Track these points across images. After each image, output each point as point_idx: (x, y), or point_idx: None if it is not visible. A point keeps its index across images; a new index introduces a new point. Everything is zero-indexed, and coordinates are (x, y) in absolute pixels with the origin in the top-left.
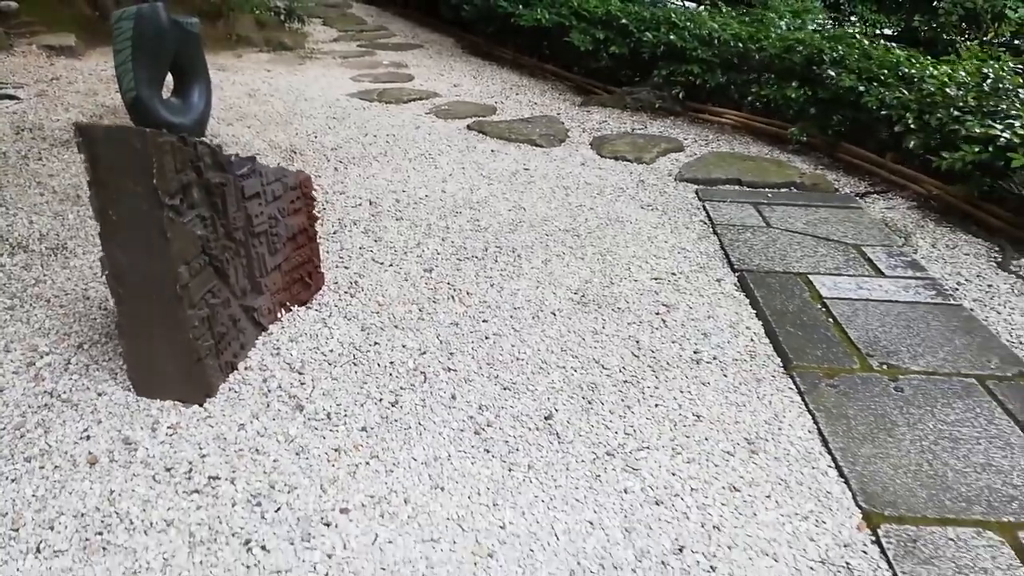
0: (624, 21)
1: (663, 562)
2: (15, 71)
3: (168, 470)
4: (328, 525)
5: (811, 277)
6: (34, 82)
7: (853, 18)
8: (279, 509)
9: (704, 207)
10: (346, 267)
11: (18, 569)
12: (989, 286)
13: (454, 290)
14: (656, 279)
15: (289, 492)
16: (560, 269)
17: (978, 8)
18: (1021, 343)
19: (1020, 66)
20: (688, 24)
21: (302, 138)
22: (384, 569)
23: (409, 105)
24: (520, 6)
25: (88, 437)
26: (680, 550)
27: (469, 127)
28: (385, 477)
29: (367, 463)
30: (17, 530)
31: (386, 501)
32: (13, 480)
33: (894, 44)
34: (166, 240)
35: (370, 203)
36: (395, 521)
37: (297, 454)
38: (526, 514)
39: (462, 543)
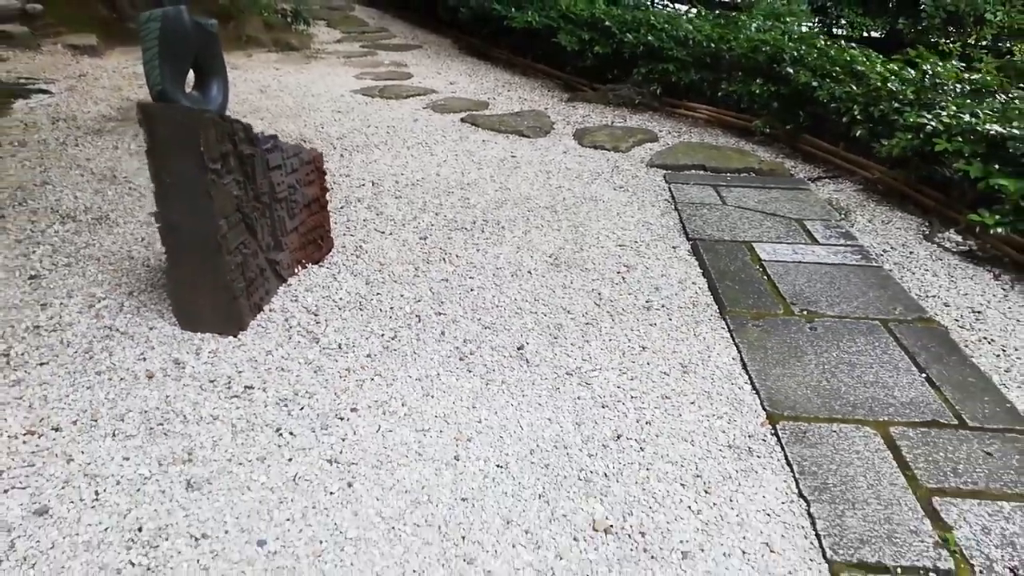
0: (608, 23)
1: (604, 445)
2: (44, 68)
3: (211, 382)
4: (341, 419)
5: (754, 244)
6: (63, 78)
7: (842, 21)
8: (302, 408)
9: (669, 188)
10: (352, 235)
11: (100, 446)
12: (911, 253)
13: (445, 254)
14: (620, 246)
15: (309, 398)
16: (538, 238)
17: (960, 11)
18: (927, 296)
19: (955, 66)
20: (666, 26)
21: (310, 129)
22: (385, 448)
23: (408, 100)
24: (512, 9)
25: (144, 359)
26: (618, 437)
27: (463, 120)
28: (386, 388)
29: (372, 379)
30: (96, 421)
31: (387, 404)
32: (88, 388)
33: (851, 45)
34: (210, 198)
35: (372, 184)
36: (394, 417)
37: (315, 372)
38: (498, 413)
39: (447, 432)
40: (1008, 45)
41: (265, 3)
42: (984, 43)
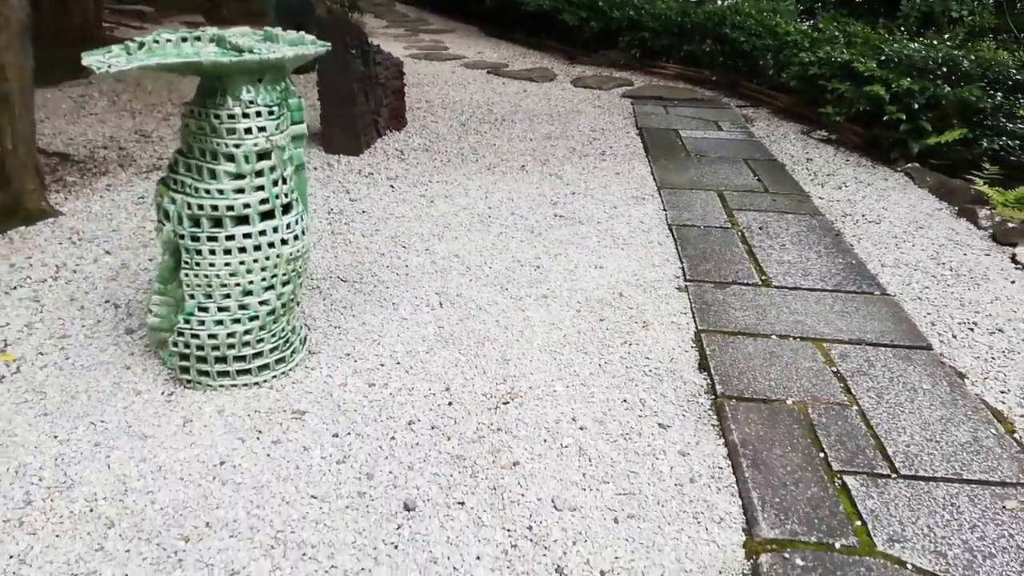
0: (600, 3)
1: (565, 195)
2: None
3: (350, 171)
4: (423, 184)
5: (680, 131)
6: None
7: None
8: (401, 182)
9: (632, 107)
10: (417, 122)
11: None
12: (784, 138)
13: (477, 132)
14: (592, 130)
15: (404, 178)
16: (538, 128)
17: (934, 12)
18: (781, 154)
19: (837, 24)
20: (645, 5)
21: None
22: (448, 192)
23: (446, 62)
24: None
25: (310, 161)
26: (573, 193)
27: (488, 72)
28: (446, 177)
29: (438, 173)
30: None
31: (447, 182)
32: None
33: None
34: (349, 69)
35: (426, 103)
36: (452, 185)
37: (405, 171)
38: (509, 187)
39: (480, 190)
40: (978, 42)
41: None
42: (958, 40)
